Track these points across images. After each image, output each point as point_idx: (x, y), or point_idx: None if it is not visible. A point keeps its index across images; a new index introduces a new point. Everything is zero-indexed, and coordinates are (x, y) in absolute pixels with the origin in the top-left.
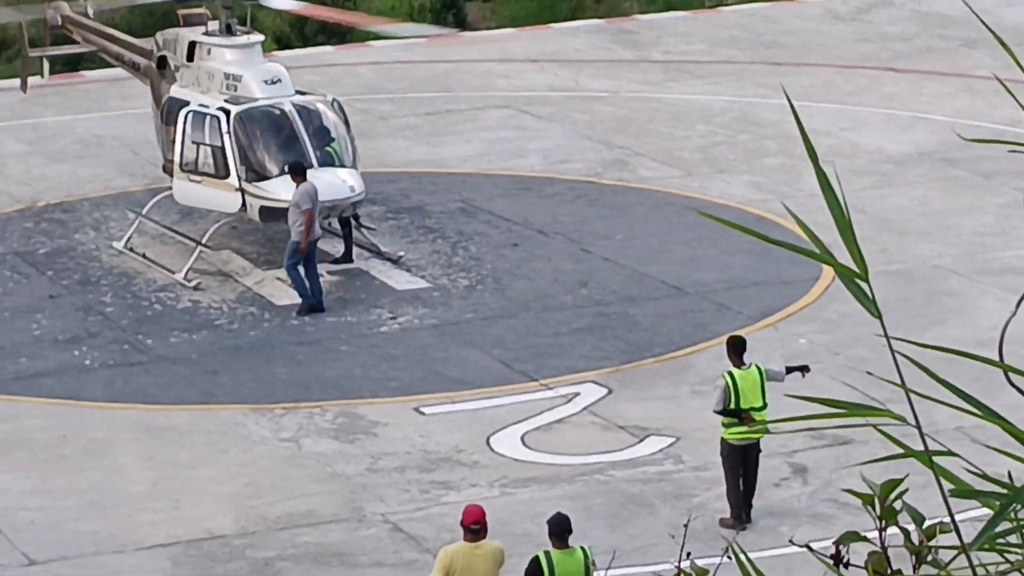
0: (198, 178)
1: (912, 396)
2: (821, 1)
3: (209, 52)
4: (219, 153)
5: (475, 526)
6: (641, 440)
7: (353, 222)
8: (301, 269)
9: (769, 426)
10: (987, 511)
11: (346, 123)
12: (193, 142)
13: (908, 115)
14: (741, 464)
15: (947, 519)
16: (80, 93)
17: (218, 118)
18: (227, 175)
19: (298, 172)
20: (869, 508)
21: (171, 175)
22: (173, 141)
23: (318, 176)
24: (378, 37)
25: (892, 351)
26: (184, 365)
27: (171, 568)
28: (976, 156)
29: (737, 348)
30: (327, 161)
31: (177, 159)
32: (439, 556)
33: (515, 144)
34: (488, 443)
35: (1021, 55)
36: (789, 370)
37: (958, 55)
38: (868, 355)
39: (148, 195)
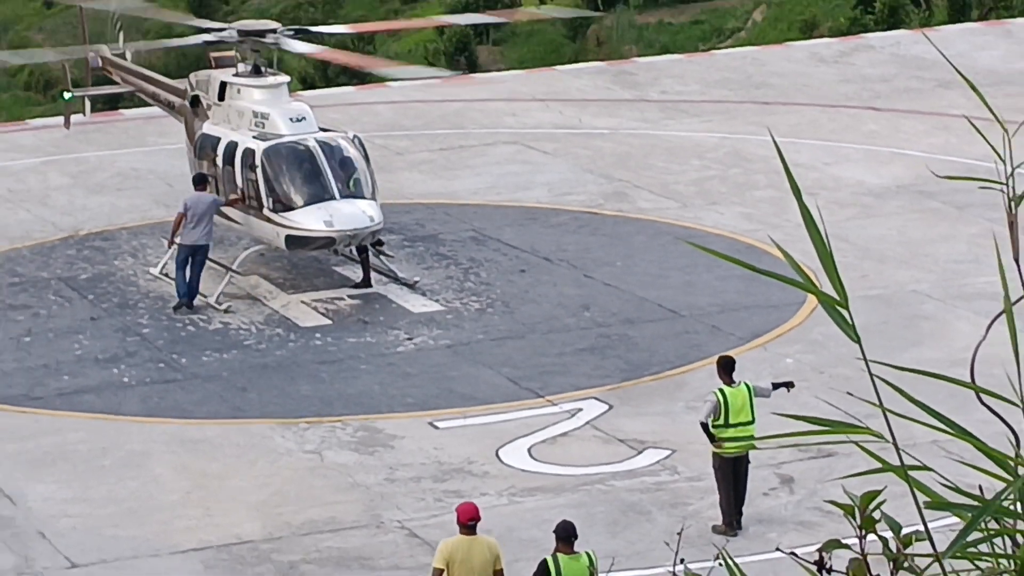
0: (231, 209)
1: (889, 414)
2: (806, 45)
3: (239, 92)
4: (251, 185)
5: (471, 522)
6: (639, 452)
7: (374, 249)
8: (186, 270)
9: (758, 443)
10: (960, 521)
11: (366, 158)
12: (227, 175)
13: (887, 151)
14: (732, 475)
15: (923, 528)
16: (119, 130)
17: (249, 153)
18: (258, 206)
19: (196, 182)
20: (850, 518)
21: None
22: (207, 174)
23: (340, 207)
24: (396, 78)
25: (871, 374)
26: (215, 382)
27: (203, 571)
28: (951, 189)
29: (727, 368)
30: (348, 193)
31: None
32: (439, 548)
33: (522, 177)
34: (497, 455)
35: (992, 96)
36: (775, 386)
37: (934, 95)
38: (851, 374)
39: None
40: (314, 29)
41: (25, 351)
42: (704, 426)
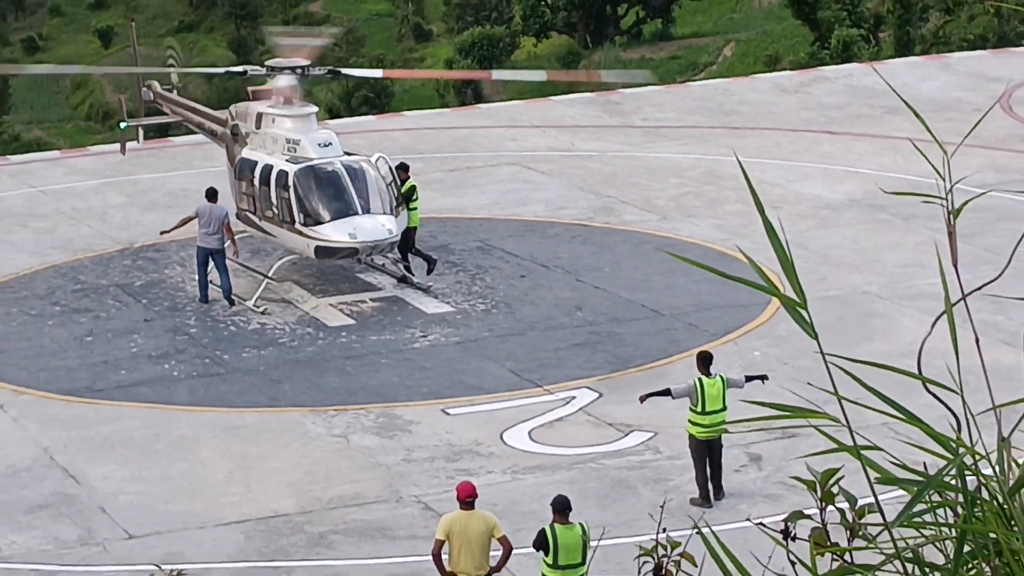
0: (267, 223)
1: (844, 400)
2: (770, 77)
3: (274, 121)
4: (284, 203)
5: (468, 499)
6: (626, 435)
7: (399, 262)
8: (207, 270)
9: (730, 426)
10: (907, 494)
11: (393, 176)
12: (263, 194)
13: (842, 169)
14: (707, 454)
15: (874, 501)
16: (169, 155)
17: (283, 174)
18: (291, 220)
19: (209, 196)
20: (812, 492)
21: (243, 220)
22: (245, 194)
23: (362, 221)
24: (411, 108)
25: (827, 365)
26: (254, 376)
27: (244, 541)
28: (898, 202)
29: (705, 361)
30: (369, 209)
31: (249, 207)
32: (440, 522)
33: (522, 194)
34: (501, 438)
35: (933, 121)
36: (749, 378)
37: (882, 121)
38: (811, 365)
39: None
40: (345, 71)
41: (87, 349)
42: (667, 392)
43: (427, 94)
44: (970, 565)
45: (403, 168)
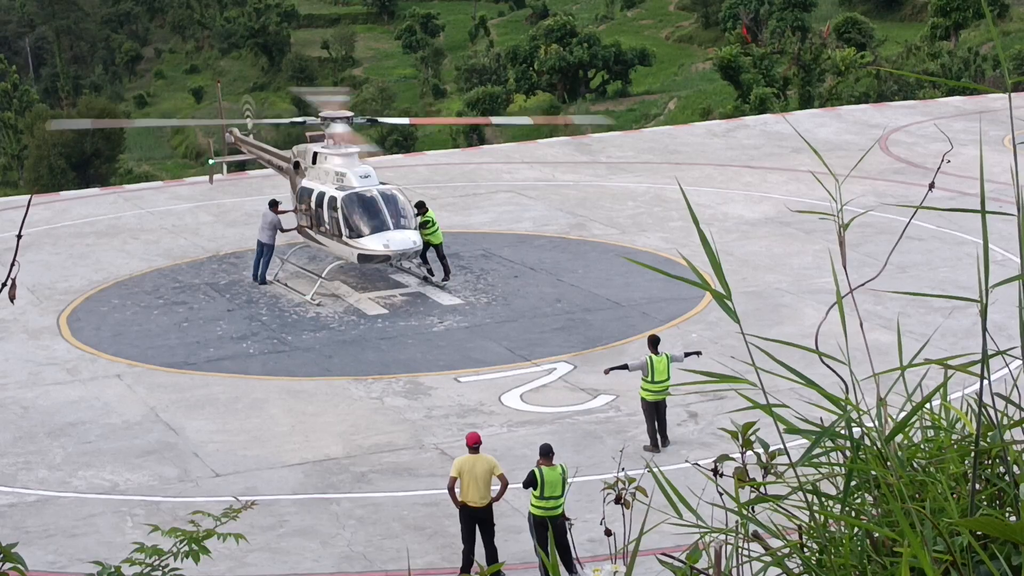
0: (321, 236)
1: (760, 370)
2: (704, 124)
3: (326, 159)
4: (334, 220)
5: (475, 445)
6: (594, 397)
7: (421, 263)
8: (259, 261)
9: (673, 390)
10: (807, 441)
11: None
12: (318, 214)
13: (759, 195)
14: (655, 413)
15: (783, 447)
16: (246, 184)
17: (333, 199)
18: (339, 234)
19: (270, 206)
20: (735, 440)
21: (302, 234)
22: (304, 214)
23: (394, 235)
24: (432, 147)
25: (747, 343)
26: (311, 352)
27: (303, 478)
28: (801, 219)
29: (654, 342)
30: (399, 225)
31: (307, 224)
32: (454, 463)
33: (515, 214)
34: (500, 400)
35: (828, 158)
36: (687, 354)
37: (789, 157)
38: (735, 343)
39: (289, 247)
40: (381, 120)
41: (184, 332)
42: (625, 366)
43: (443, 138)
44: (856, 495)
45: (420, 205)
